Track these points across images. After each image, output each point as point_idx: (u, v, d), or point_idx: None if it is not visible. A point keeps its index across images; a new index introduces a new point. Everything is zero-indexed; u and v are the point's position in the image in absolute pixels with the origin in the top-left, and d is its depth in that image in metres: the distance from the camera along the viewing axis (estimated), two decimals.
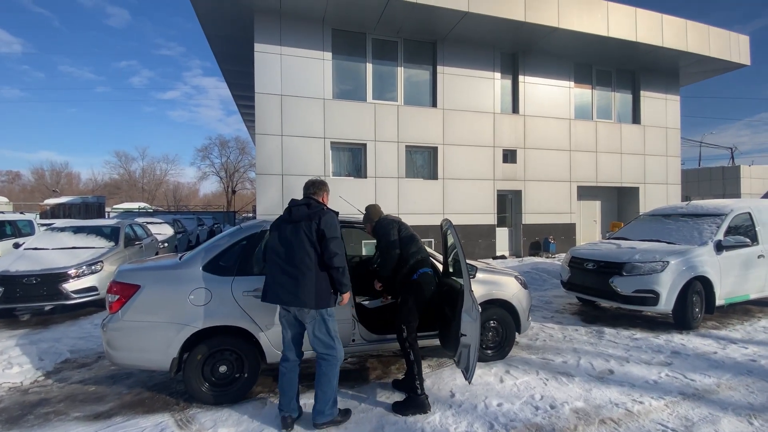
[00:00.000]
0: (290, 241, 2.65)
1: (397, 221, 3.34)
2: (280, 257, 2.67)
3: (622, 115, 13.44)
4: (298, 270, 2.60)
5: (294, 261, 2.62)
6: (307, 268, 2.60)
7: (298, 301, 2.60)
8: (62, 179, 43.32)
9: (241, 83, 14.75)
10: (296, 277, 2.60)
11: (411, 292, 3.05)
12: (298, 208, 2.73)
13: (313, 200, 2.81)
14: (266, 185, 10.11)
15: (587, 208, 13.50)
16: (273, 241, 2.74)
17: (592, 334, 4.72)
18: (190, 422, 2.80)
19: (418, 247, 3.22)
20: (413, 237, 3.26)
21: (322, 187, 2.95)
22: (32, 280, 5.57)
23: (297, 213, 2.70)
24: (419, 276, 3.08)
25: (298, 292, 2.58)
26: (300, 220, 2.66)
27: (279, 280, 2.64)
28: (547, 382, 3.37)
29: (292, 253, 2.63)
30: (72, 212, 18.16)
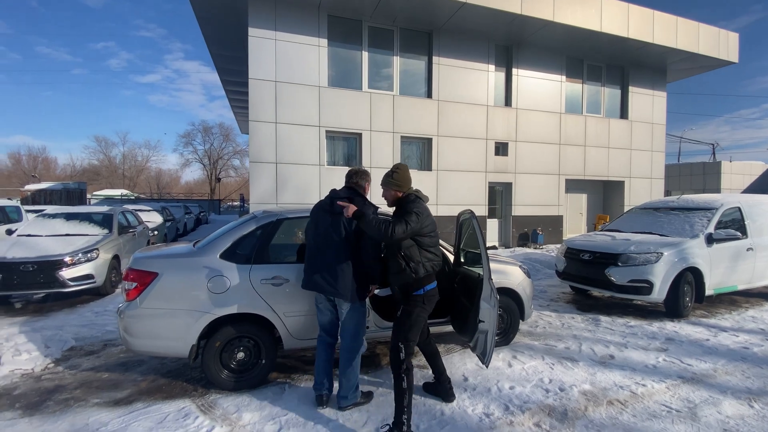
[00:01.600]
0: (330, 234, 2.71)
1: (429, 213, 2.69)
2: (319, 248, 2.73)
3: (611, 110, 13.74)
4: (337, 262, 2.66)
5: (333, 253, 2.68)
6: (345, 261, 2.66)
7: (336, 293, 2.68)
8: (39, 164, 41.61)
9: (231, 68, 14.42)
10: (335, 269, 2.66)
11: (416, 306, 2.57)
12: (341, 201, 2.70)
13: (355, 192, 2.84)
14: (260, 173, 10.00)
15: (574, 200, 13.85)
16: (312, 231, 2.80)
17: (589, 321, 4.92)
18: (212, 407, 2.84)
19: (436, 256, 2.68)
20: (437, 241, 2.76)
21: (365, 176, 2.94)
22: (29, 267, 5.44)
23: (339, 206, 2.69)
24: (426, 292, 2.59)
25: (337, 283, 2.65)
26: (341, 212, 2.66)
27: (318, 269, 2.70)
28: (554, 367, 3.53)
29: (331, 245, 2.69)
30: (53, 198, 17.54)
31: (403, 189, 2.72)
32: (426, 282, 2.59)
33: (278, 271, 3.23)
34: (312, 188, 10.39)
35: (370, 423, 2.65)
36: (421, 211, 2.57)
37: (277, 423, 2.62)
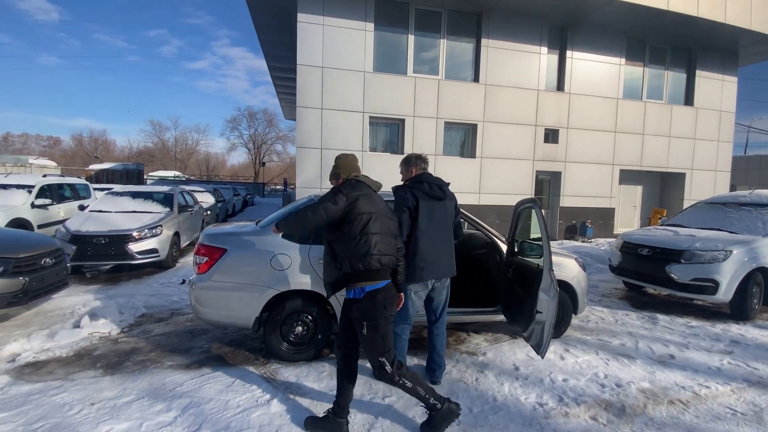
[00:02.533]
0: (445, 220, 2.86)
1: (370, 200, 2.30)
2: (439, 235, 2.81)
3: (674, 96, 12.72)
4: (450, 246, 2.89)
5: (449, 238, 2.89)
6: (451, 241, 2.92)
7: (453, 272, 2.91)
8: (99, 146, 45.01)
9: (278, 54, 14.70)
10: (450, 252, 2.89)
11: (362, 317, 2.18)
12: (448, 188, 2.93)
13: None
14: (305, 159, 10.24)
15: (628, 192, 13.07)
16: (428, 219, 2.77)
17: (645, 319, 4.71)
18: (274, 376, 3.03)
19: (379, 250, 2.20)
20: (379, 231, 2.24)
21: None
22: (101, 240, 5.96)
23: (448, 193, 2.91)
24: (367, 294, 2.17)
25: (452, 265, 2.90)
26: (448, 198, 2.89)
27: (441, 256, 2.80)
28: (609, 362, 3.43)
29: (447, 231, 2.88)
30: (114, 178, 19.00)
31: (342, 176, 2.44)
32: (361, 281, 2.17)
33: None
34: None
35: (418, 405, 2.71)
36: (351, 195, 2.24)
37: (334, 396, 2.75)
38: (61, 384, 2.82)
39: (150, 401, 2.61)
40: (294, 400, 2.69)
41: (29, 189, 7.35)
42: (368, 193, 2.35)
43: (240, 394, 2.74)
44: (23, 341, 3.51)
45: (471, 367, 3.25)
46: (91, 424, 2.35)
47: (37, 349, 3.41)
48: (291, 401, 2.66)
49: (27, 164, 16.66)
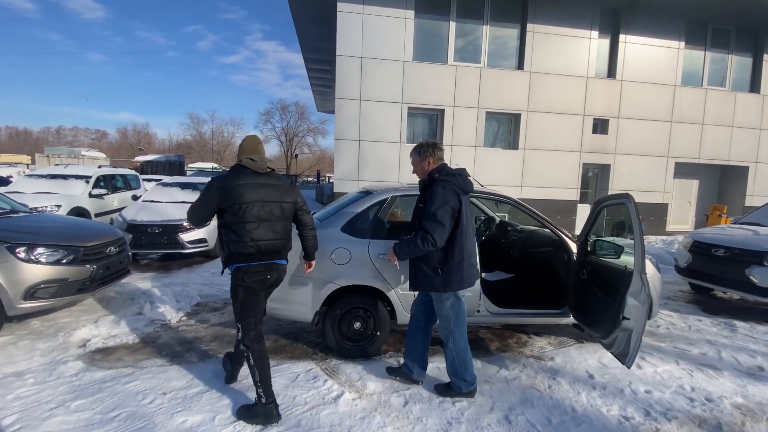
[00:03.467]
0: (470, 214, 2.67)
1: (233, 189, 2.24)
2: (472, 233, 2.65)
3: (738, 83, 11.71)
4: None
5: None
6: None
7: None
8: (142, 139, 47.18)
9: (315, 46, 14.68)
10: None
11: (233, 286, 2.38)
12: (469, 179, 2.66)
13: None
14: (343, 151, 10.18)
15: (682, 187, 12.21)
16: (467, 217, 2.58)
17: (722, 326, 4.32)
18: (336, 372, 2.96)
19: (239, 237, 2.24)
20: (242, 220, 2.24)
21: None
22: (155, 229, 6.14)
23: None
24: (234, 270, 2.32)
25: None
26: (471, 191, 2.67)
27: (476, 255, 2.70)
28: (693, 374, 3.14)
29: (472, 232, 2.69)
30: (158, 169, 19.81)
31: (238, 159, 2.43)
32: (229, 262, 2.33)
33: None
34: (391, 166, 10.37)
35: (497, 409, 2.56)
36: (221, 185, 2.27)
37: (402, 396, 2.65)
38: (132, 372, 2.87)
39: (219, 393, 2.60)
40: (361, 399, 2.60)
41: (87, 179, 7.69)
42: (249, 181, 2.30)
43: (306, 390, 2.68)
44: (91, 327, 3.63)
45: (540, 373, 3.06)
46: (165, 414, 2.36)
47: (105, 335, 3.51)
48: (358, 401, 2.58)
49: (80, 156, 17.65)
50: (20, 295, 3.24)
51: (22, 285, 3.24)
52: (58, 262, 3.46)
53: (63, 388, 2.62)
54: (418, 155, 2.65)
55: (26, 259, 3.30)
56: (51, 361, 3.01)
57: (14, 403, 2.43)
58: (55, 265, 3.42)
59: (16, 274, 3.23)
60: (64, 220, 4.53)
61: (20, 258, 3.28)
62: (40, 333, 3.50)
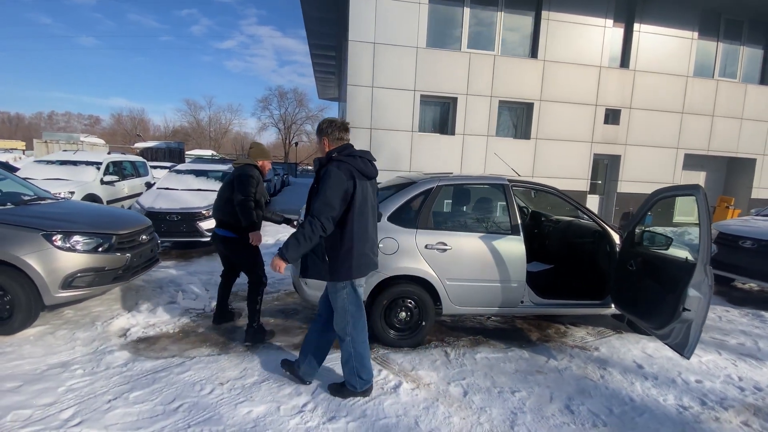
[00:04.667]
0: (374, 201, 2.45)
1: None
2: (370, 219, 2.38)
3: (749, 74, 11.68)
4: (377, 231, 2.52)
5: (376, 221, 2.52)
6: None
7: (378, 263, 2.57)
8: (137, 124, 46.34)
9: (321, 31, 14.39)
10: (378, 238, 2.55)
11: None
12: (374, 163, 2.43)
13: None
14: (355, 139, 10.01)
15: (690, 179, 12.23)
16: (364, 203, 2.31)
17: (750, 316, 4.37)
18: (387, 361, 2.94)
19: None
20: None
21: None
22: (174, 217, 6.03)
23: (376, 169, 2.46)
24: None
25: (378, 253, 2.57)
26: (376, 176, 2.45)
27: (375, 245, 2.45)
28: (737, 364, 3.17)
29: (375, 214, 2.48)
30: (158, 156, 19.47)
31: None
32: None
33: (441, 237, 3.19)
34: (403, 155, 10.28)
35: (556, 399, 2.56)
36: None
37: (460, 386, 2.64)
38: (182, 361, 2.83)
39: (276, 383, 2.57)
40: (420, 389, 2.59)
41: (98, 166, 7.52)
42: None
43: None
44: (128, 316, 3.57)
45: (589, 363, 3.06)
46: (229, 405, 2.33)
47: (144, 325, 3.45)
48: (417, 391, 2.57)
49: (78, 142, 17.28)
50: (58, 284, 3.16)
51: (60, 273, 3.16)
52: (95, 250, 3.37)
53: (116, 379, 2.57)
54: (317, 134, 2.47)
55: (63, 247, 3.21)
56: (94, 351, 2.96)
57: (67, 396, 2.38)
58: (92, 254, 3.34)
59: (53, 263, 3.14)
60: (93, 208, 4.42)
61: (57, 246, 3.19)
62: (77, 322, 3.43)
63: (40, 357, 2.81)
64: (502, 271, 3.24)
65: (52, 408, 2.25)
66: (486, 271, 3.22)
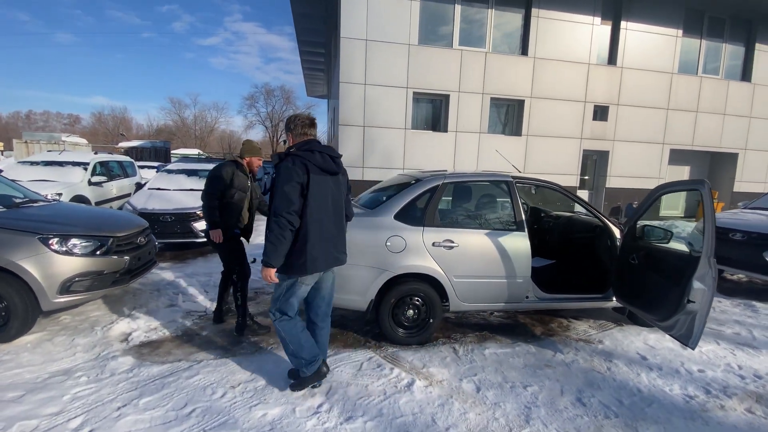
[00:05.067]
0: (339, 199, 2.39)
1: None
2: (332, 217, 2.34)
3: (731, 71, 12.02)
4: (343, 230, 2.47)
5: (341, 219, 2.44)
6: (344, 224, 2.49)
7: (344, 259, 2.49)
8: (119, 123, 45.17)
9: (310, 28, 14.26)
10: (343, 237, 2.47)
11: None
12: (338, 158, 2.38)
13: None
14: (348, 137, 9.99)
15: (675, 173, 12.55)
16: (320, 198, 2.27)
17: (742, 307, 4.50)
18: (397, 359, 2.94)
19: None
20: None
21: None
22: (167, 218, 5.91)
23: (340, 164, 2.39)
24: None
25: (344, 249, 2.49)
26: (339, 172, 2.39)
27: (335, 242, 2.38)
28: (735, 353, 3.27)
29: (341, 213, 2.42)
30: (143, 155, 19.00)
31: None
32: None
33: (449, 234, 3.19)
34: (396, 153, 10.27)
35: (567, 392, 2.60)
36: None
37: (472, 382, 2.66)
38: (190, 365, 2.77)
39: (289, 385, 2.54)
40: (433, 387, 2.59)
41: (85, 166, 7.31)
42: None
43: (375, 378, 2.66)
44: (128, 320, 3.48)
45: (595, 356, 3.12)
46: (243, 409, 2.29)
47: (145, 329, 3.37)
48: (431, 388, 2.57)
49: (60, 142, 16.74)
50: (56, 289, 3.06)
51: (58, 278, 3.06)
52: (93, 253, 3.28)
53: (123, 386, 2.51)
54: (288, 129, 2.45)
55: (60, 250, 3.11)
56: (97, 357, 2.88)
57: (74, 404, 2.31)
58: (90, 257, 3.24)
59: (51, 267, 3.04)
60: (88, 210, 4.30)
61: (54, 250, 3.08)
62: (75, 328, 3.34)
63: (40, 365, 2.73)
64: (507, 268, 3.27)
65: (59, 417, 2.18)
66: (492, 267, 3.25)
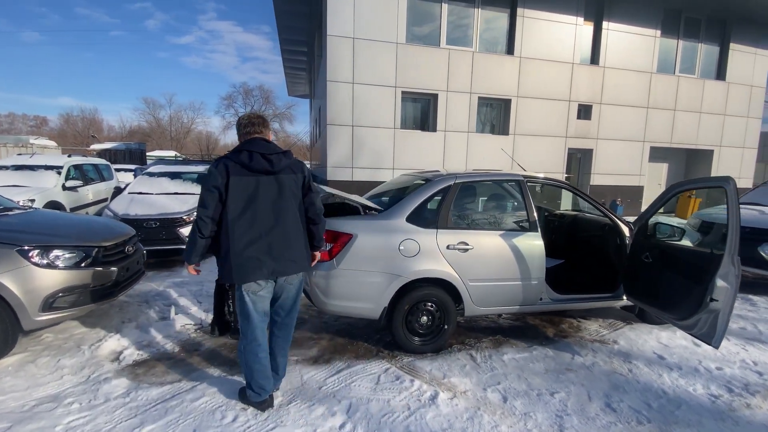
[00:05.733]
0: (278, 200, 2.17)
1: None
2: (265, 221, 2.14)
3: (706, 70, 12.45)
4: (292, 232, 2.21)
5: (286, 224, 2.18)
6: (298, 227, 2.24)
7: (296, 267, 2.23)
8: (89, 125, 43.16)
9: (292, 26, 13.96)
10: (289, 242, 2.19)
11: None
12: (278, 156, 2.16)
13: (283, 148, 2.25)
14: (336, 137, 9.80)
15: (654, 170, 12.95)
16: (244, 201, 2.10)
17: (741, 300, 4.57)
18: (414, 370, 2.80)
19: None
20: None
21: (269, 125, 2.35)
22: (152, 224, 5.58)
23: (278, 163, 2.16)
24: None
25: (295, 256, 2.21)
26: (281, 171, 2.17)
27: (270, 248, 2.14)
28: (746, 348, 3.28)
29: (281, 215, 2.18)
30: (117, 158, 18.14)
31: None
32: None
33: (463, 237, 3.08)
34: (386, 153, 10.14)
35: (594, 397, 2.52)
36: None
37: (497, 392, 2.54)
38: (192, 386, 2.55)
39: (306, 403, 2.36)
40: (458, 398, 2.46)
41: (58, 170, 6.84)
42: None
43: (396, 392, 2.50)
44: (117, 337, 3.21)
45: (614, 358, 3.06)
46: None
47: (137, 346, 3.11)
48: (456, 400, 2.44)
49: (28, 144, 15.77)
50: (38, 306, 2.77)
51: (40, 294, 2.77)
52: (78, 265, 3.00)
53: (120, 413, 2.27)
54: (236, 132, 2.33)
55: (41, 263, 2.82)
56: (87, 380, 2.62)
57: None
58: (74, 269, 2.96)
59: (31, 282, 2.75)
60: (69, 217, 3.97)
61: (34, 263, 2.79)
62: (59, 347, 3.05)
63: (25, 390, 2.45)
64: (523, 269, 3.18)
65: None
66: (508, 269, 3.15)
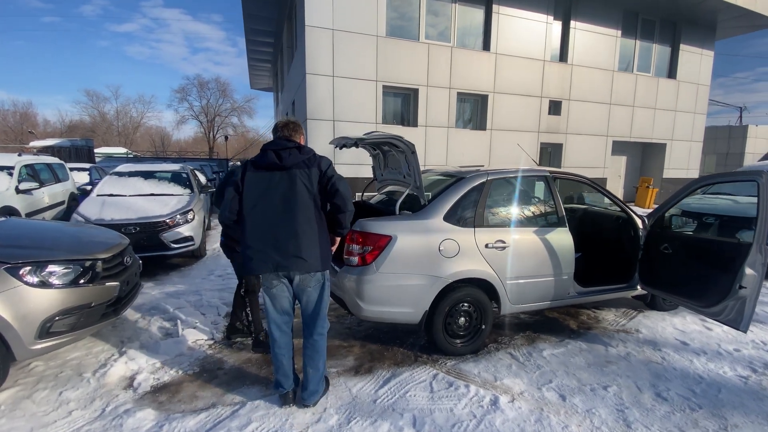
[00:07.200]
0: (287, 194, 2.16)
1: None
2: (268, 214, 2.16)
3: (660, 69, 13.37)
4: (300, 227, 2.16)
5: (293, 218, 2.16)
6: (309, 223, 2.18)
7: (305, 266, 2.17)
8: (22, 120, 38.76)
9: (260, 15, 13.28)
10: (297, 236, 2.16)
11: None
12: (288, 152, 2.19)
13: (298, 143, 2.28)
14: (317, 132, 9.46)
15: (615, 163, 13.75)
16: (256, 195, 2.17)
17: None
18: (463, 374, 2.72)
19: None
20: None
21: (301, 128, 2.39)
22: (131, 229, 5.04)
23: (289, 158, 2.17)
24: None
25: (303, 253, 2.16)
26: (292, 166, 2.17)
27: (276, 241, 2.15)
28: (752, 330, 3.51)
29: (291, 209, 2.16)
30: (62, 155, 16.37)
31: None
32: None
33: (499, 235, 3.03)
34: None
35: (643, 388, 2.57)
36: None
37: (552, 390, 2.52)
38: (232, 411, 2.29)
39: (367, 420, 2.20)
40: (518, 401, 2.41)
41: (9, 171, 6.02)
42: None
43: (455, 399, 2.41)
44: (124, 360, 2.85)
45: (643, 346, 3.16)
46: None
47: (150, 369, 2.78)
48: (518, 403, 2.39)
49: None
50: (34, 333, 2.38)
51: (36, 318, 2.38)
52: (75, 282, 2.60)
53: None
54: None
55: (34, 282, 2.42)
56: (102, 415, 2.28)
57: None
58: (72, 287, 2.57)
59: (25, 305, 2.35)
60: (53, 226, 3.47)
61: (26, 282, 2.39)
62: (55, 378, 2.65)
63: None
64: (555, 265, 3.20)
65: None
66: (543, 265, 3.15)
